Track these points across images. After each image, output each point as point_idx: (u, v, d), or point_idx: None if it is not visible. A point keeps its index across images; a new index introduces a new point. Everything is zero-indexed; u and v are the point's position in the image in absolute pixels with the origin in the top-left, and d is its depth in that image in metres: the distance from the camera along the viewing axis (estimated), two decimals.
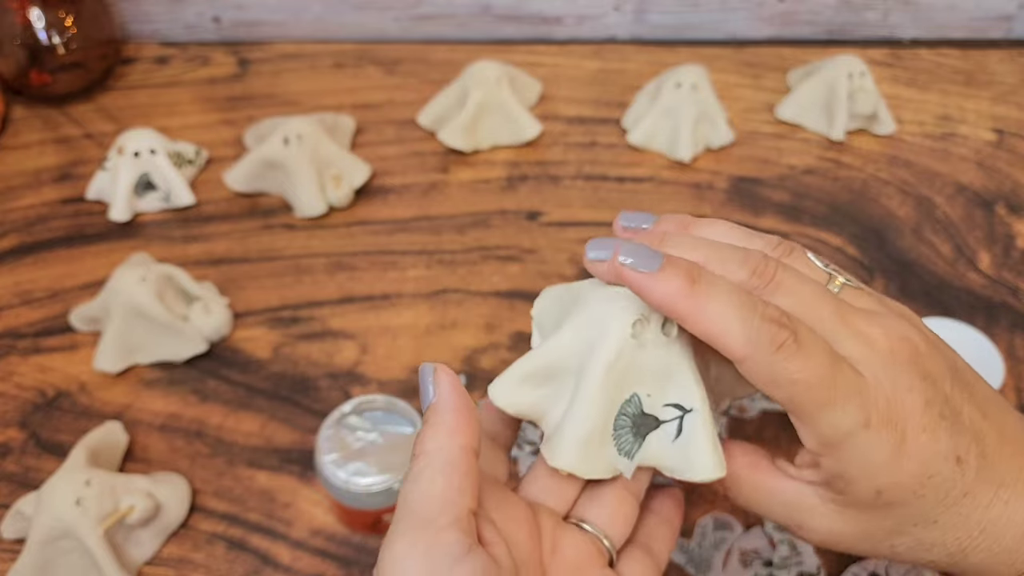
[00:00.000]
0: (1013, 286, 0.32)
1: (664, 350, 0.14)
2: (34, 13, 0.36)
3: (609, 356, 0.14)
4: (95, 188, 0.35)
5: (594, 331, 0.15)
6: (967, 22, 0.44)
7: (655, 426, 0.15)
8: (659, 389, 0.15)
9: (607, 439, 0.15)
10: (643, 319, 0.14)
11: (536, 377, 0.15)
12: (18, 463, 0.26)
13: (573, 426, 0.14)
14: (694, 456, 0.14)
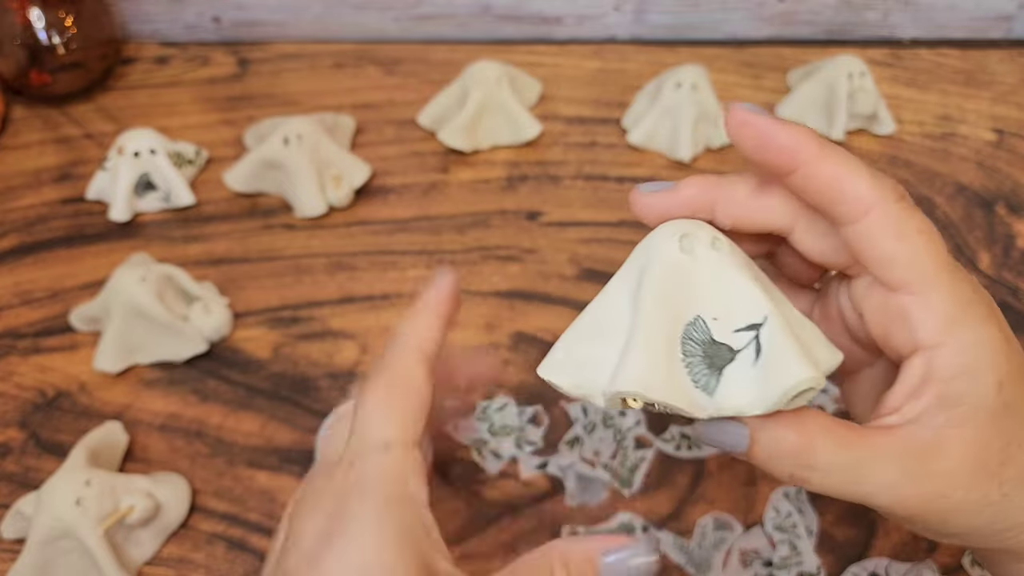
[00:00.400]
0: (1013, 286, 0.32)
1: (718, 264, 0.13)
2: (34, 13, 0.36)
3: (660, 269, 0.13)
4: (95, 188, 0.35)
5: (640, 261, 0.13)
6: (967, 22, 0.44)
7: (730, 357, 0.13)
8: (724, 310, 0.13)
9: (677, 363, 0.13)
10: (689, 234, 0.13)
11: (587, 339, 0.14)
12: (18, 463, 0.26)
13: (636, 349, 0.12)
14: (784, 367, 0.12)
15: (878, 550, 0.24)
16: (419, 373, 0.14)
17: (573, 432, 0.27)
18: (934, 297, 0.13)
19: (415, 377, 0.14)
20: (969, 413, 0.12)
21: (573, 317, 0.14)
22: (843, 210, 0.13)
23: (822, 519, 0.25)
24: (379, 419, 0.13)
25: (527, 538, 0.24)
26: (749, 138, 0.13)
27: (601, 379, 0.13)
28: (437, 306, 0.16)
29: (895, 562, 0.24)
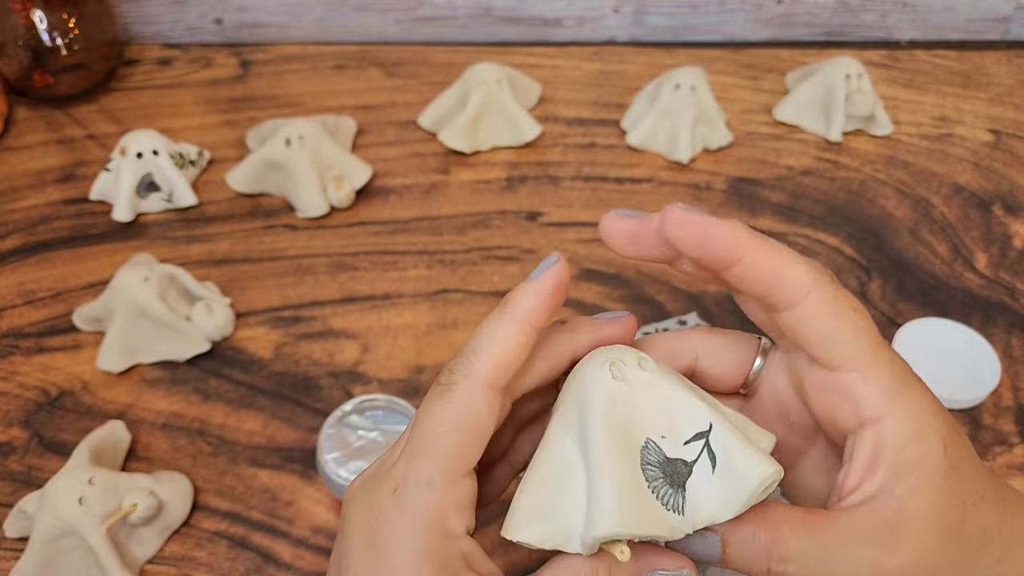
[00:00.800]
0: (1010, 286, 0.32)
1: (651, 383, 0.13)
2: (37, 15, 0.37)
3: (601, 405, 0.13)
4: (98, 189, 0.35)
5: (574, 401, 0.13)
6: (964, 24, 0.45)
7: (688, 471, 0.13)
8: (669, 427, 0.13)
9: (645, 492, 0.13)
10: (617, 360, 0.13)
11: (544, 491, 0.13)
12: (21, 462, 0.26)
13: (603, 488, 0.12)
14: (742, 469, 0.13)
15: None
16: (484, 406, 0.13)
17: None
18: (874, 372, 0.13)
19: (479, 412, 0.13)
20: (924, 478, 0.13)
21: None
22: (782, 295, 0.13)
23: None
24: (431, 454, 0.13)
25: None
26: (689, 236, 0.13)
27: (572, 526, 0.13)
28: (527, 314, 0.13)
29: None
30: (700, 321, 0.30)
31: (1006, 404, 0.28)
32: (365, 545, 0.13)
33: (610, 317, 0.15)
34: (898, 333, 0.29)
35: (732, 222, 0.13)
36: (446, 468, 0.13)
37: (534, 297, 0.13)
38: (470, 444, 0.13)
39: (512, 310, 0.13)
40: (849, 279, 0.32)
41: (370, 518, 0.13)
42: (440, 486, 0.13)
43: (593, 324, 0.15)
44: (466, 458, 0.13)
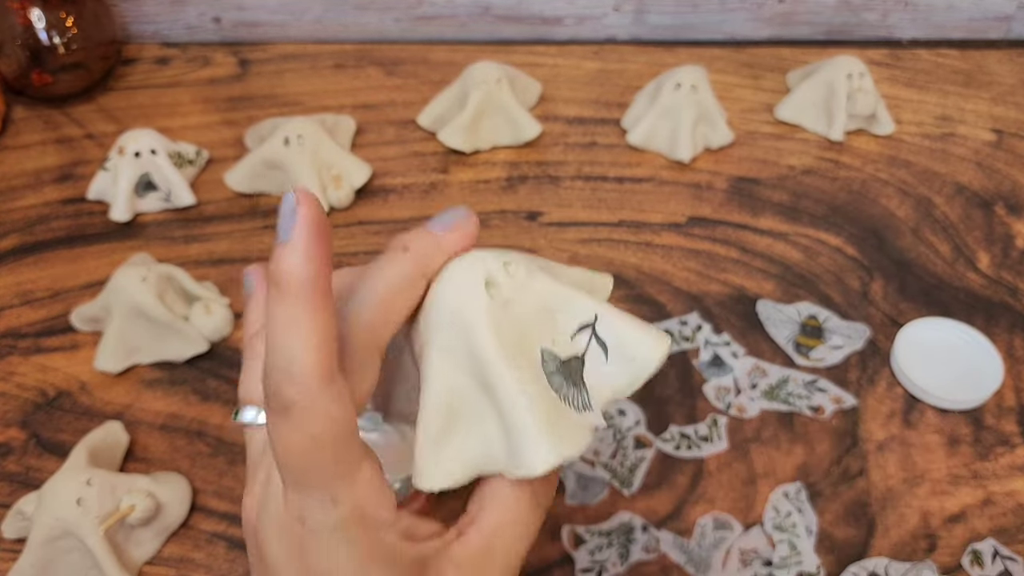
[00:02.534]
0: (1012, 286, 0.32)
1: (524, 290, 0.13)
2: (35, 14, 0.36)
3: (488, 331, 0.12)
4: (96, 188, 0.35)
5: (451, 330, 0.12)
6: (966, 22, 0.45)
7: (581, 363, 0.13)
8: (555, 327, 0.13)
9: (561, 407, 0.12)
10: (490, 281, 0.12)
11: (449, 431, 0.12)
12: (19, 463, 0.26)
13: (523, 419, 0.12)
14: (635, 349, 0.12)
15: (877, 550, 0.24)
16: (334, 403, 0.11)
17: None
18: None
19: (331, 413, 0.11)
20: None
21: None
22: None
23: (821, 519, 0.25)
24: (313, 479, 0.11)
25: None
26: None
27: (495, 458, 0.12)
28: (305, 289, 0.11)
29: (895, 562, 0.24)
30: (701, 322, 0.30)
31: (1008, 405, 0.28)
32: (299, 573, 0.12)
33: (447, 224, 0.13)
34: (900, 333, 0.29)
35: None
36: (338, 480, 0.12)
37: (304, 265, 0.11)
38: (344, 445, 0.12)
39: (289, 293, 0.11)
40: (851, 279, 0.32)
41: (292, 549, 0.12)
42: (343, 497, 0.12)
43: (436, 245, 0.13)
44: (351, 455, 0.12)
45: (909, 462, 0.26)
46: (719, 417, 0.27)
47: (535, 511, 0.13)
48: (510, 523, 0.13)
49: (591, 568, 0.24)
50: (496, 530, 0.13)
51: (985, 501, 0.25)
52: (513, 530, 0.13)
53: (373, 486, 0.12)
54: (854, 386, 0.28)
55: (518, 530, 0.13)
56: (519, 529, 0.13)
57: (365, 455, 0.12)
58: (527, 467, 0.12)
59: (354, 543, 0.12)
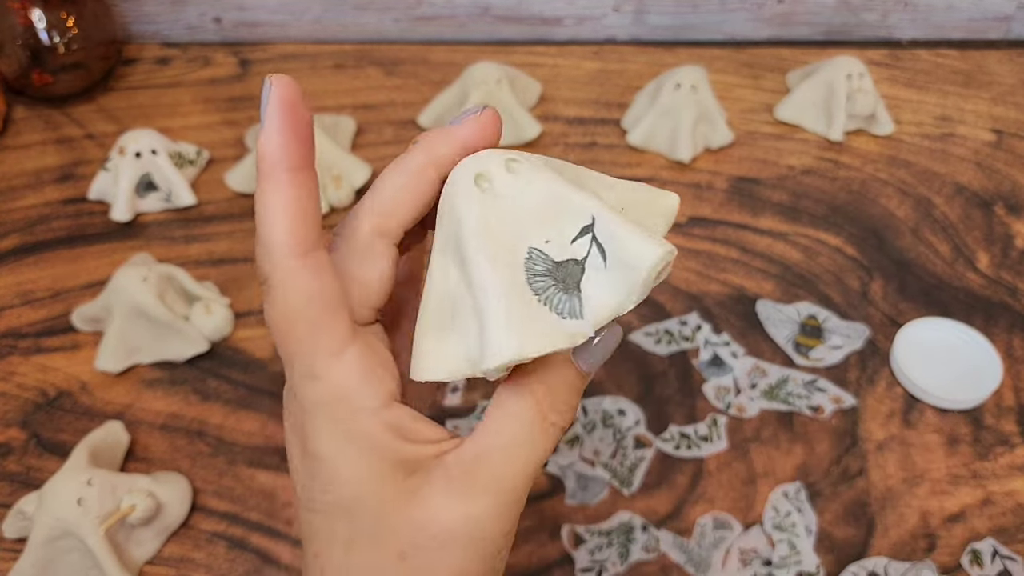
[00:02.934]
0: (1012, 286, 0.32)
1: (524, 187, 0.12)
2: (35, 14, 0.36)
3: (473, 225, 0.12)
4: (96, 188, 0.35)
5: (448, 224, 0.12)
6: (966, 23, 0.45)
7: (581, 270, 0.12)
8: (553, 229, 0.12)
9: (535, 308, 0.12)
10: (482, 172, 0.12)
11: (440, 326, 0.12)
12: (19, 463, 0.26)
13: (490, 315, 0.11)
14: (634, 255, 0.11)
15: (877, 549, 0.24)
16: (307, 279, 0.11)
17: (573, 431, 0.27)
18: None
19: (304, 288, 0.11)
20: None
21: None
22: None
23: (821, 518, 0.25)
24: (291, 349, 0.12)
25: (527, 537, 0.24)
26: None
27: (473, 356, 0.12)
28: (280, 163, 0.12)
29: (894, 561, 0.24)
30: (701, 322, 0.30)
31: (1008, 404, 0.28)
32: (301, 455, 0.12)
33: (463, 119, 0.13)
34: (899, 333, 0.29)
35: None
36: (314, 354, 0.12)
37: (272, 140, 0.12)
38: (322, 320, 0.11)
39: (263, 170, 0.12)
40: (850, 279, 0.32)
41: (294, 423, 0.12)
42: (322, 372, 0.12)
43: (446, 133, 0.13)
44: (331, 333, 0.12)
45: (909, 462, 0.26)
46: (719, 417, 0.27)
47: (540, 426, 0.12)
48: (510, 435, 0.12)
49: (591, 568, 0.24)
50: (494, 440, 0.12)
51: (984, 501, 0.25)
52: (513, 442, 0.12)
53: (360, 368, 0.12)
54: (854, 386, 0.28)
55: (518, 443, 0.12)
56: (520, 440, 0.12)
57: (358, 338, 0.12)
58: (486, 359, 0.11)
59: (333, 421, 0.12)
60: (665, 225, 0.13)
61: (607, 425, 0.27)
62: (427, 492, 0.12)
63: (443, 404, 0.27)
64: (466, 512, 0.12)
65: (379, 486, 0.12)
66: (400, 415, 0.12)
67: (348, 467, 0.12)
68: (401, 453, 0.12)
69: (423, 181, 0.13)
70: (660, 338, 0.29)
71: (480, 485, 0.12)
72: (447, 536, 0.12)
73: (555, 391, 0.12)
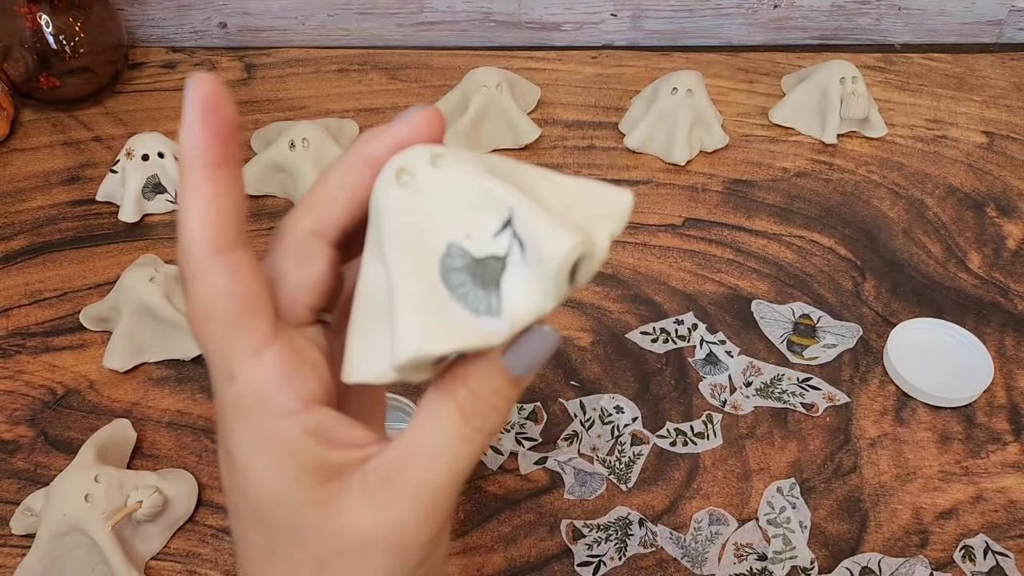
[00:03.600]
0: (1003, 286, 0.32)
1: (446, 181, 0.12)
2: (43, 18, 0.37)
3: (392, 221, 0.11)
4: (104, 190, 0.35)
5: (374, 223, 0.12)
6: (958, 27, 0.45)
7: (502, 266, 0.11)
8: (474, 224, 0.11)
9: (447, 304, 0.11)
10: (405, 167, 0.12)
11: (369, 323, 0.12)
12: (27, 460, 0.27)
13: (398, 312, 0.11)
14: (544, 249, 0.11)
15: (870, 545, 0.24)
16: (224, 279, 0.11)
17: (571, 428, 0.27)
18: None
19: (221, 287, 0.11)
20: None
21: (572, 317, 0.13)
22: None
23: (815, 514, 0.25)
24: (210, 347, 0.11)
25: (527, 531, 0.25)
26: None
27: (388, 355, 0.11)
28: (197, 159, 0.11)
29: (887, 557, 0.24)
30: (696, 321, 0.31)
31: (999, 403, 0.28)
32: (223, 457, 0.12)
33: (402, 118, 0.12)
34: (892, 333, 0.29)
35: None
36: (232, 355, 0.11)
37: (190, 138, 0.11)
38: (238, 320, 0.11)
39: (182, 168, 0.12)
40: (843, 279, 0.32)
41: (219, 422, 0.12)
42: (239, 373, 0.11)
43: (381, 131, 0.12)
44: (248, 333, 0.11)
45: (901, 459, 0.26)
46: (714, 414, 0.28)
47: (462, 428, 0.12)
48: (430, 441, 0.12)
49: (589, 562, 0.24)
50: (415, 446, 0.12)
51: (976, 497, 0.25)
52: (433, 449, 0.12)
53: (279, 370, 0.11)
54: (847, 384, 0.29)
55: (439, 450, 0.12)
56: (440, 449, 0.12)
57: (281, 339, 0.12)
58: (392, 356, 0.11)
59: (249, 424, 0.11)
60: (616, 224, 0.12)
61: (605, 422, 0.27)
62: (345, 498, 0.11)
63: None
64: (385, 519, 0.11)
65: (295, 492, 0.11)
66: (323, 419, 0.12)
67: (263, 472, 0.11)
68: (320, 458, 0.11)
69: (357, 180, 0.12)
70: (657, 337, 0.30)
71: (399, 492, 0.11)
72: (366, 543, 0.11)
73: (479, 396, 0.12)
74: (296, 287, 0.12)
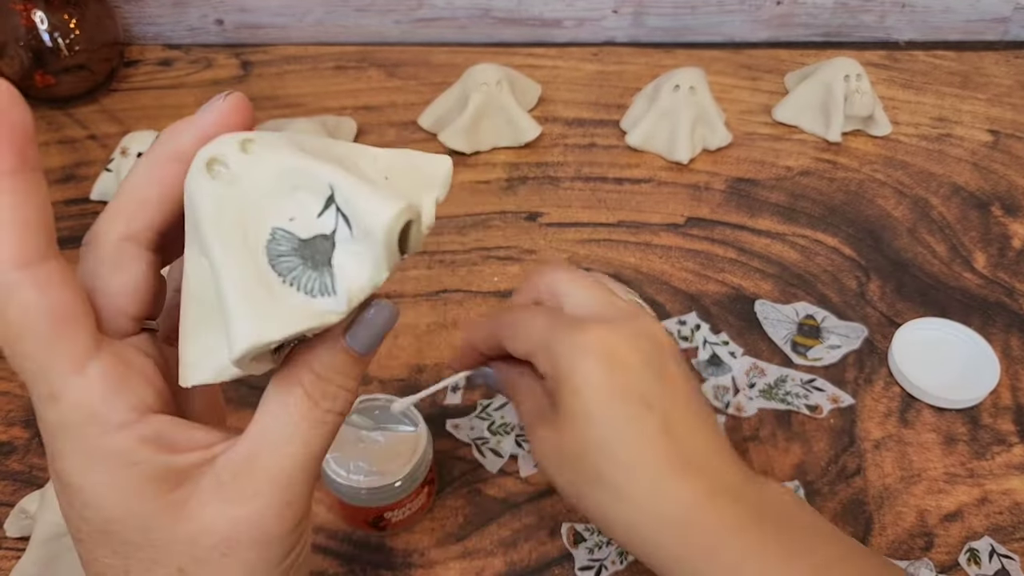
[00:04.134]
0: (1008, 286, 0.32)
1: (260, 166, 0.11)
2: (38, 15, 0.37)
3: (208, 214, 0.11)
4: (99, 189, 0.35)
5: (190, 217, 0.11)
6: (963, 24, 0.45)
7: (331, 244, 0.11)
8: (296, 206, 0.11)
9: (278, 289, 0.11)
10: (214, 157, 0.11)
11: (199, 323, 0.12)
12: (22, 462, 0.26)
13: (228, 305, 0.11)
14: (370, 219, 0.11)
15: (874, 547, 0.24)
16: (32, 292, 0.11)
17: None
18: None
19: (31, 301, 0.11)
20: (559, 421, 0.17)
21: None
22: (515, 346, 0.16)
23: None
24: (26, 368, 0.11)
25: (527, 535, 0.24)
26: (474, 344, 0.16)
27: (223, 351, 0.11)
28: None
29: (892, 560, 0.24)
30: (699, 321, 0.30)
31: (1005, 404, 0.28)
32: (54, 478, 0.12)
33: (207, 107, 0.12)
34: (897, 333, 0.29)
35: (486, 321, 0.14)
36: (51, 373, 0.11)
37: None
38: (54, 336, 0.11)
39: None
40: (848, 279, 0.32)
41: (47, 447, 0.12)
42: (61, 391, 0.11)
43: (187, 123, 0.12)
44: (66, 349, 0.11)
45: (906, 461, 0.26)
46: (718, 416, 0.27)
47: (310, 412, 0.12)
48: (278, 430, 0.11)
49: (591, 566, 0.24)
50: (263, 437, 0.11)
51: (982, 499, 0.25)
52: (282, 438, 0.11)
53: (104, 383, 0.11)
54: (851, 385, 0.28)
55: (288, 438, 0.11)
56: (289, 437, 0.11)
57: (104, 351, 0.11)
58: (229, 349, 0.11)
59: (77, 442, 0.11)
60: (440, 190, 0.12)
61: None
62: (198, 501, 0.11)
63: (443, 404, 0.27)
64: (244, 515, 0.11)
65: (141, 504, 0.11)
66: (159, 425, 0.11)
67: (101, 488, 0.11)
68: (163, 465, 0.11)
69: (166, 176, 0.12)
70: None
71: (253, 486, 0.11)
72: (227, 544, 0.11)
73: (324, 377, 0.12)
74: (115, 296, 0.12)
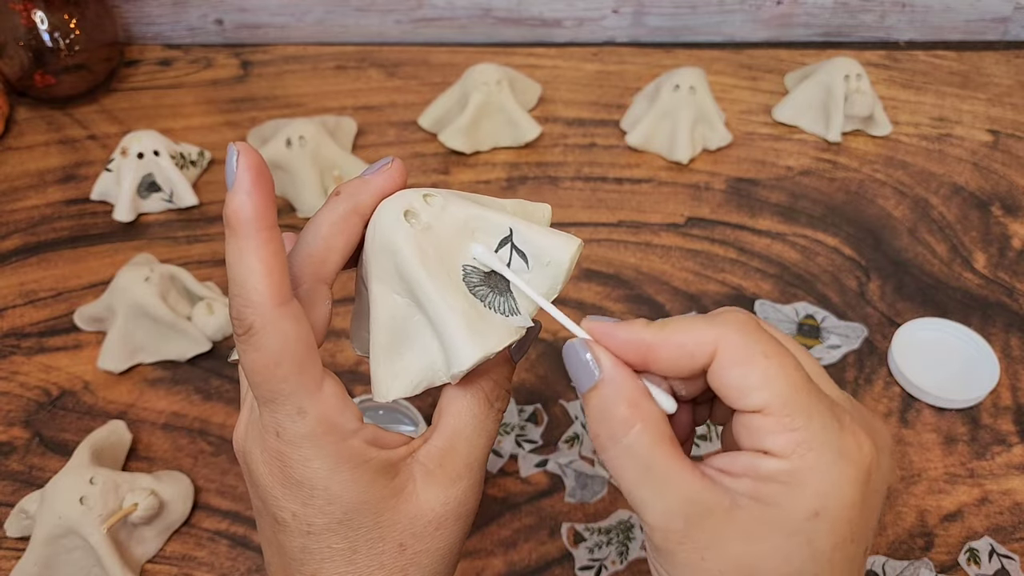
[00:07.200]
0: (1009, 286, 0.32)
1: (444, 215, 0.15)
2: (38, 15, 0.37)
3: (413, 255, 0.14)
4: (99, 189, 0.35)
5: (384, 261, 0.14)
6: (963, 24, 0.45)
7: (506, 279, 0.15)
8: (477, 247, 0.15)
9: (484, 312, 0.14)
10: (408, 210, 0.14)
11: (398, 349, 0.15)
12: (22, 462, 0.26)
13: (448, 325, 0.14)
14: (549, 254, 0.14)
15: (874, 548, 0.24)
16: (291, 324, 0.13)
17: (572, 430, 0.27)
18: (785, 419, 0.13)
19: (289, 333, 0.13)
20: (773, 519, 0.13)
21: (572, 317, 0.14)
22: (694, 363, 0.13)
23: None
24: (281, 394, 0.13)
25: (527, 535, 0.24)
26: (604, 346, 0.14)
27: (434, 365, 0.14)
28: (253, 222, 0.13)
29: (892, 560, 0.24)
30: None
31: (1005, 404, 0.28)
32: (283, 486, 0.14)
33: (375, 169, 0.15)
34: (897, 333, 0.29)
35: (632, 324, 0.14)
36: (305, 393, 0.13)
37: (247, 202, 0.13)
38: (304, 361, 0.13)
39: (239, 230, 0.13)
40: (848, 279, 0.32)
41: (272, 463, 0.14)
42: (308, 407, 0.13)
43: (364, 184, 0.15)
44: (311, 371, 0.13)
45: (906, 461, 0.26)
46: None
47: (490, 411, 0.15)
48: (468, 424, 0.15)
49: (591, 565, 0.24)
50: (456, 431, 0.15)
51: (982, 500, 0.25)
52: (472, 430, 0.15)
53: (337, 399, 0.14)
54: (851, 385, 0.28)
55: (476, 429, 0.15)
56: (477, 428, 0.15)
57: (327, 374, 0.14)
58: (457, 364, 0.14)
59: (324, 448, 0.13)
60: None
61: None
62: (413, 487, 0.14)
63: None
64: (453, 496, 0.14)
65: (373, 492, 0.14)
66: (371, 429, 0.14)
67: (347, 485, 0.14)
68: (384, 460, 0.14)
69: (349, 227, 0.15)
70: None
71: (455, 472, 0.15)
72: (440, 520, 0.14)
73: (496, 383, 0.15)
74: (313, 327, 0.14)
